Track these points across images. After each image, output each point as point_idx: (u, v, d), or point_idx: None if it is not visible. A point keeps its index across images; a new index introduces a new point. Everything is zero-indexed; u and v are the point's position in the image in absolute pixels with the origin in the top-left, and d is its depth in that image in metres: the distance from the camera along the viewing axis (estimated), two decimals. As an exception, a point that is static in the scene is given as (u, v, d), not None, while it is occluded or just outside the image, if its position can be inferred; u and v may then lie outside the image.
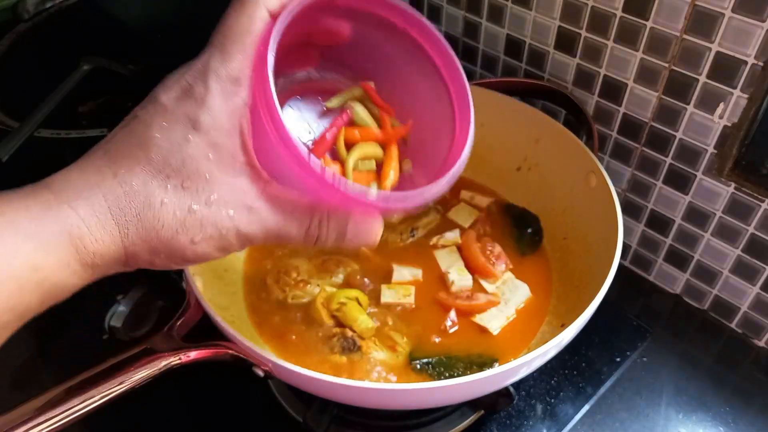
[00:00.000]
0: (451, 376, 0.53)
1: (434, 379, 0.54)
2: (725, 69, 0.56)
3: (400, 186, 0.42)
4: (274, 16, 0.33)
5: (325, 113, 0.42)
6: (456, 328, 0.58)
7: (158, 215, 0.31)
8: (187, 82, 0.32)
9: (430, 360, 0.55)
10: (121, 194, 0.31)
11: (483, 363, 0.55)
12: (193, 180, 0.32)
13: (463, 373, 0.54)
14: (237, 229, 0.33)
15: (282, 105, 0.33)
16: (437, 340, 0.57)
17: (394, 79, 0.41)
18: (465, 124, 0.41)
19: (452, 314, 0.59)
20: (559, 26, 0.67)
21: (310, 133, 0.41)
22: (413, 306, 0.60)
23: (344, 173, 0.39)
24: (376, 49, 0.41)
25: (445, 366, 0.55)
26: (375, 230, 0.38)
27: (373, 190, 0.35)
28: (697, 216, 0.66)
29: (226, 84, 0.32)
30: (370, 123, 0.42)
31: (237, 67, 0.32)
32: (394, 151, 0.42)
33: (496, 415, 0.60)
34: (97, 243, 0.31)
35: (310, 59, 0.41)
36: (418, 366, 0.55)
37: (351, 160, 0.40)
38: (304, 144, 0.34)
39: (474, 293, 0.61)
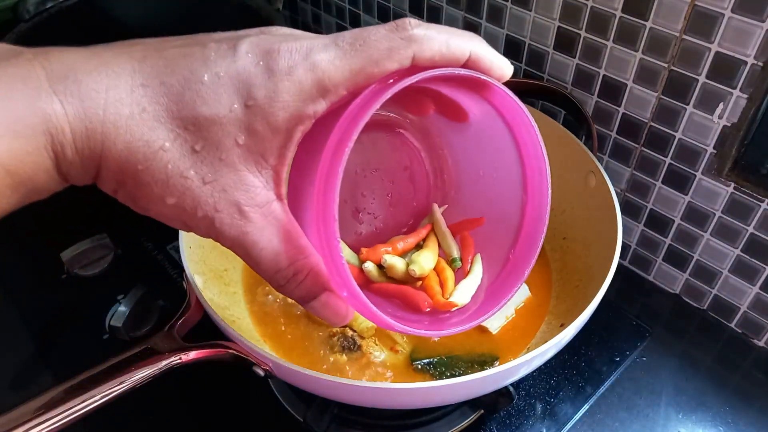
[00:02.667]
0: (453, 376, 0.54)
1: (436, 379, 0.54)
2: (725, 69, 0.56)
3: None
4: (416, 66, 0.29)
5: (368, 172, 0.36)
6: (456, 327, 0.58)
7: (147, 155, 0.26)
8: (275, 50, 0.27)
9: (432, 360, 0.55)
10: (126, 112, 0.26)
11: (484, 362, 0.55)
12: (207, 151, 0.27)
13: (464, 373, 0.54)
14: (213, 222, 0.28)
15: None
16: (437, 339, 0.57)
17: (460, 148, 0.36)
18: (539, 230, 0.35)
19: (452, 314, 0.59)
20: (559, 26, 0.67)
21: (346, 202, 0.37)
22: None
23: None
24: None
25: (446, 366, 0.55)
26: (345, 315, 0.32)
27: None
28: (696, 216, 0.66)
29: (311, 85, 0.27)
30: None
31: (342, 81, 0.28)
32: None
33: (495, 415, 0.60)
34: (73, 152, 0.26)
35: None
36: (420, 367, 0.55)
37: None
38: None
39: (474, 293, 0.61)
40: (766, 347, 0.67)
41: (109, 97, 0.25)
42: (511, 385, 0.54)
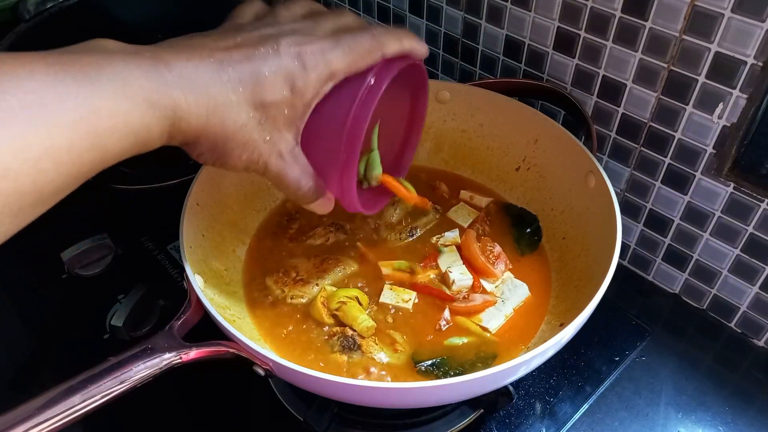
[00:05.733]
0: (455, 376, 0.54)
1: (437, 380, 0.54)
2: (724, 69, 0.56)
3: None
4: (385, 59, 0.45)
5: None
6: (449, 326, 0.58)
7: (235, 130, 0.40)
8: (305, 51, 0.41)
9: (434, 361, 0.55)
10: (221, 102, 0.38)
11: (485, 361, 0.55)
12: (268, 122, 0.41)
13: (465, 373, 0.54)
14: (266, 163, 0.43)
15: None
16: (437, 340, 0.57)
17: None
18: (416, 136, 0.58)
19: (446, 313, 0.59)
20: (558, 27, 0.67)
21: None
22: (411, 311, 0.60)
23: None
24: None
25: (448, 366, 0.55)
26: (329, 209, 0.51)
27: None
28: (696, 216, 0.66)
29: (326, 73, 0.42)
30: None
31: (343, 71, 0.43)
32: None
33: (495, 414, 0.60)
34: (188, 127, 0.38)
35: None
36: (423, 369, 0.55)
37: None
38: None
39: (470, 294, 0.61)
40: (765, 347, 0.67)
41: (210, 92, 0.38)
42: (511, 384, 0.54)
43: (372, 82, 0.44)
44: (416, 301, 0.60)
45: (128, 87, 0.34)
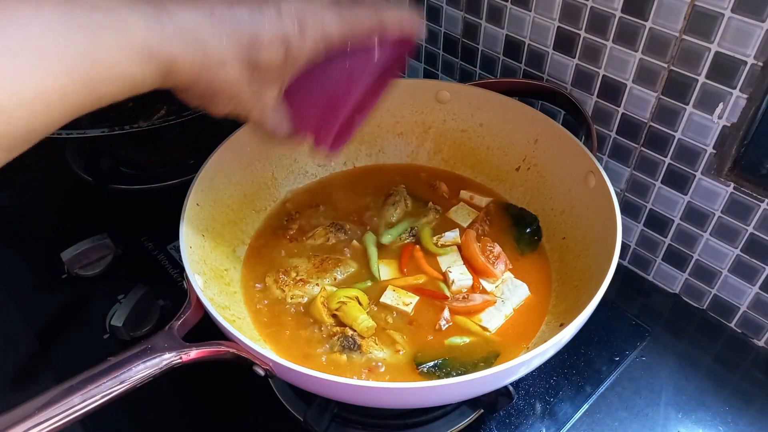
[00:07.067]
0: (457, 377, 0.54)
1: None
2: (724, 69, 0.56)
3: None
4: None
5: None
6: (449, 325, 0.58)
7: (224, 86, 0.41)
8: (305, 16, 0.42)
9: (436, 362, 0.55)
10: (216, 58, 0.40)
11: (486, 361, 0.55)
12: (258, 79, 0.43)
13: (467, 373, 0.54)
14: (249, 112, 0.45)
15: None
16: (438, 340, 0.57)
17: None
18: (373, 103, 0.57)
19: (445, 313, 0.59)
20: (559, 27, 0.67)
21: None
22: (411, 314, 0.59)
23: None
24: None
25: (450, 367, 0.55)
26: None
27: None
28: (696, 216, 0.66)
29: (322, 41, 0.44)
30: None
31: (338, 41, 0.44)
32: None
33: (495, 414, 0.60)
34: (179, 78, 0.39)
35: None
36: (425, 370, 0.54)
37: None
38: None
39: (470, 294, 0.61)
40: (765, 347, 0.67)
41: (207, 48, 0.39)
42: (511, 384, 0.54)
43: (375, 58, 0.46)
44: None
45: (130, 37, 0.35)
